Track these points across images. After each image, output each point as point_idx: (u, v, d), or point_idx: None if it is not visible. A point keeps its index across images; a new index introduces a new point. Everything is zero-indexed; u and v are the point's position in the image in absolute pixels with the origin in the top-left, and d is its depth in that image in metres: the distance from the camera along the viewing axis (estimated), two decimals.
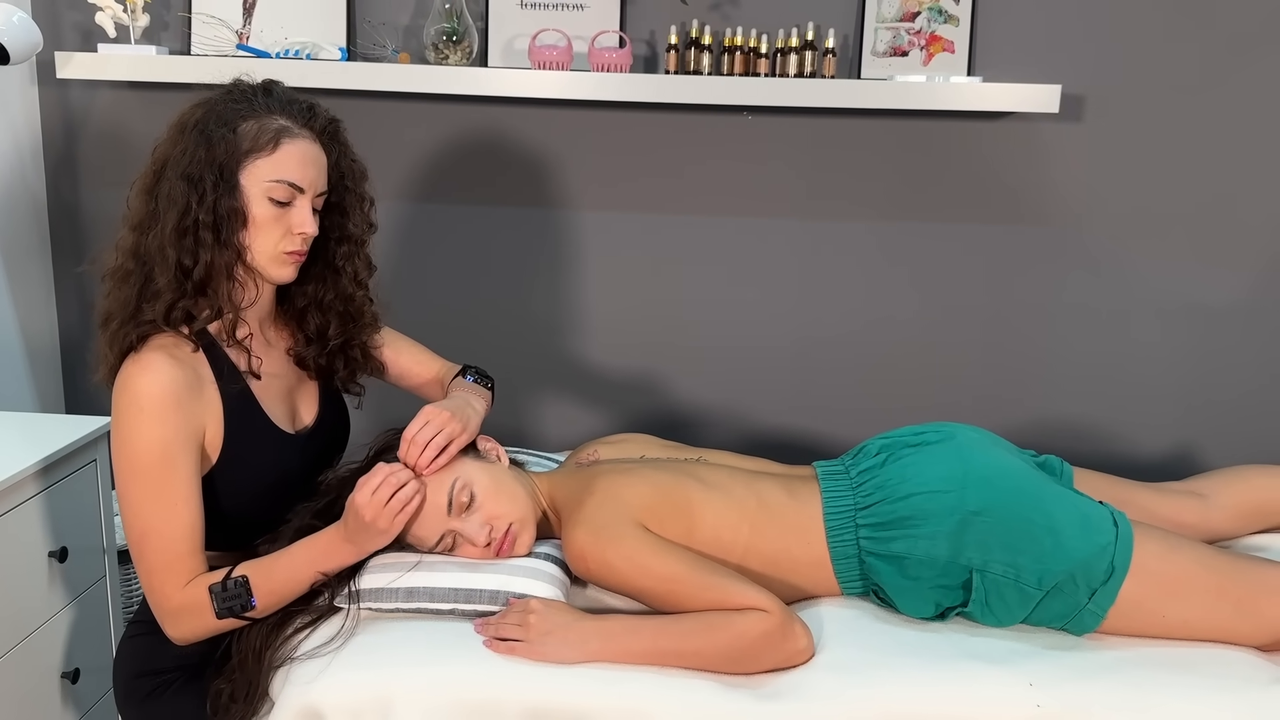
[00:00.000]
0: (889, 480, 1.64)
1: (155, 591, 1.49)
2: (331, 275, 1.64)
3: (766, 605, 1.47)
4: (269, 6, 2.33)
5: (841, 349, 2.47)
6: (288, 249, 1.53)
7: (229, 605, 1.48)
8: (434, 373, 1.82)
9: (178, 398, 1.46)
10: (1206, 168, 2.34)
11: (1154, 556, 1.56)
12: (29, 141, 2.40)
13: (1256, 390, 2.44)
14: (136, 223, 1.51)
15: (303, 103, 1.56)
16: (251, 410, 1.57)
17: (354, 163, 1.64)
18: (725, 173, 2.40)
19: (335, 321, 1.66)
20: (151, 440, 1.45)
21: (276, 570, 1.50)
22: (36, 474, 1.78)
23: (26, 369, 2.42)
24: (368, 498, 1.46)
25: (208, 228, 1.46)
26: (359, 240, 1.65)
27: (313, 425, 1.67)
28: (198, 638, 1.52)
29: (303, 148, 1.52)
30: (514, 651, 1.47)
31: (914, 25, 2.29)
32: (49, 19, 2.36)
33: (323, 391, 1.71)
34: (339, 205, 1.62)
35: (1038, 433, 2.46)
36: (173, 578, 1.48)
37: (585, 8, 2.30)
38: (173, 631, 1.52)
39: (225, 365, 1.55)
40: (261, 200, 1.49)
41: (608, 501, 1.58)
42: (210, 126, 1.48)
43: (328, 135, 1.58)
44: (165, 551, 1.47)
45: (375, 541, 1.51)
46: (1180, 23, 2.28)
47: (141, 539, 1.48)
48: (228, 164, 1.47)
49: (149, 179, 1.51)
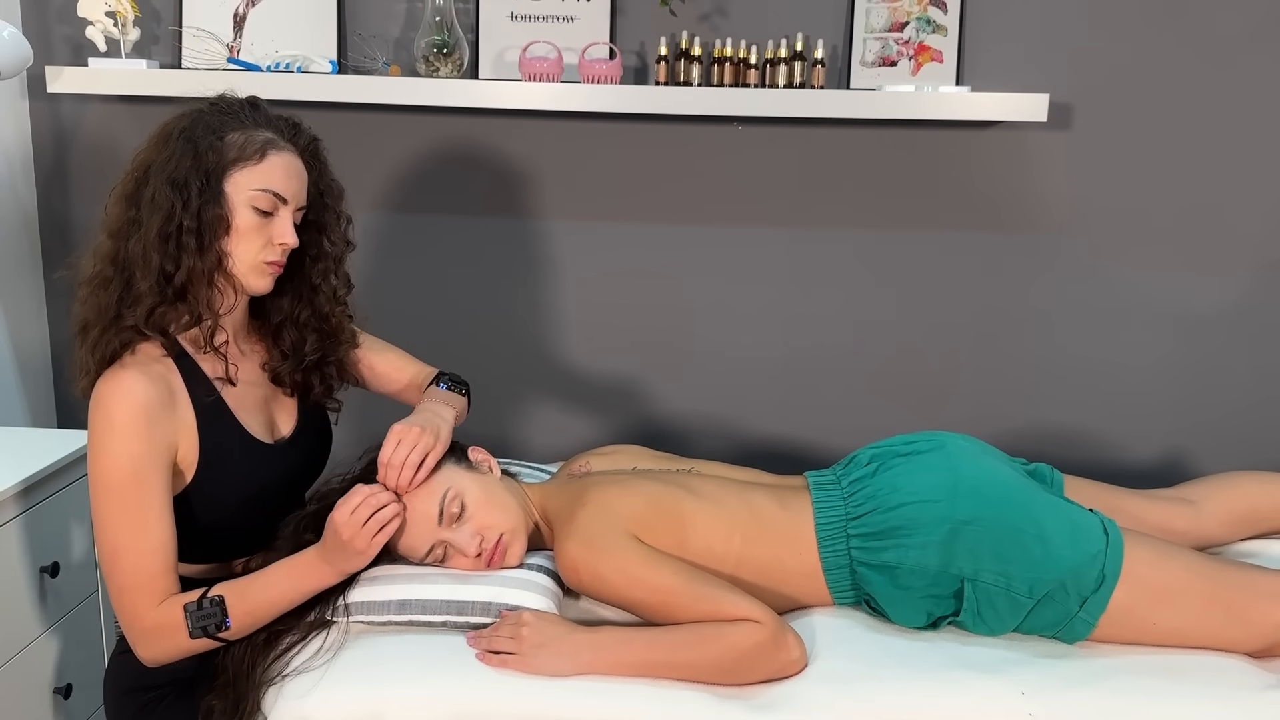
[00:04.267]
0: (880, 490, 1.65)
1: (126, 611, 1.47)
2: (308, 292, 1.64)
3: (759, 616, 1.47)
4: (259, 20, 2.33)
5: (832, 358, 2.48)
6: (268, 259, 1.54)
7: (203, 624, 1.46)
8: (410, 376, 1.80)
9: (150, 416, 1.45)
10: (1194, 175, 2.35)
11: (1145, 564, 1.57)
12: (20, 155, 2.40)
13: (1246, 396, 2.45)
14: (115, 229, 1.51)
15: (287, 119, 1.58)
16: (226, 421, 1.56)
17: (333, 182, 1.65)
18: (715, 183, 2.40)
19: (312, 338, 1.65)
20: (122, 458, 1.44)
21: (252, 591, 1.49)
22: (27, 489, 1.77)
23: (17, 382, 2.42)
24: (346, 517, 1.46)
25: (191, 233, 1.47)
26: (337, 258, 1.65)
27: (291, 435, 1.66)
28: (170, 659, 1.50)
29: (287, 161, 1.54)
30: (506, 664, 1.46)
31: (902, 35, 2.30)
32: (39, 33, 2.36)
33: (301, 402, 1.70)
34: (317, 223, 1.63)
35: (1028, 441, 2.46)
36: (144, 597, 1.46)
37: (575, 19, 2.31)
38: (144, 652, 1.49)
39: (199, 375, 1.54)
40: (245, 209, 1.50)
41: (600, 513, 1.58)
42: (198, 134, 1.49)
43: (309, 153, 1.60)
44: (137, 570, 1.45)
45: (352, 563, 1.50)
46: (1167, 31, 2.29)
47: (113, 557, 1.46)
48: (214, 171, 1.48)
49: (129, 185, 1.51)
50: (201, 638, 1.47)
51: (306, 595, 1.52)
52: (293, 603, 1.51)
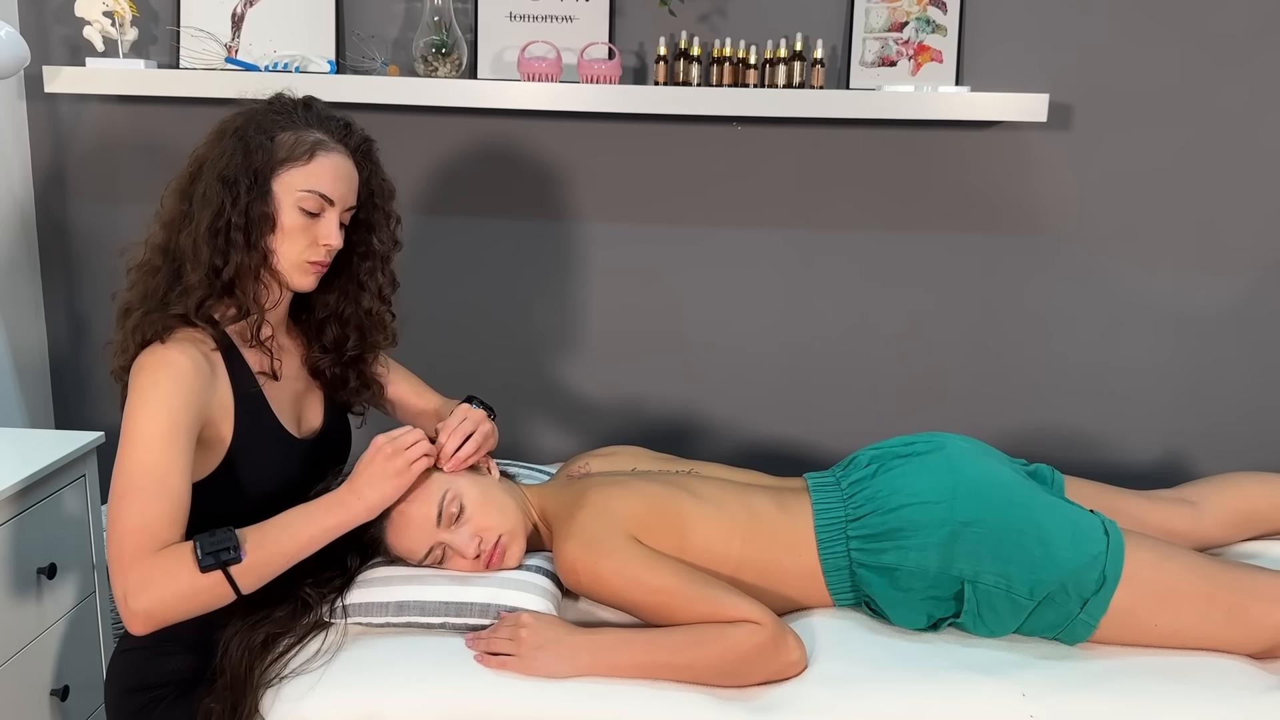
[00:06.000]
0: (879, 491, 1.64)
1: (127, 554, 1.37)
2: (354, 289, 1.68)
3: (759, 617, 1.47)
4: (257, 20, 2.32)
5: (832, 358, 2.47)
6: (311, 259, 1.57)
7: (214, 552, 1.38)
8: (432, 406, 1.83)
9: (191, 384, 1.47)
10: (1195, 176, 2.35)
11: (1145, 565, 1.56)
12: (17, 156, 2.39)
13: (1246, 397, 2.44)
14: (168, 220, 1.55)
15: (340, 119, 1.61)
16: (262, 411, 1.59)
17: (384, 182, 1.68)
18: (714, 183, 2.40)
19: (354, 335, 1.69)
20: (161, 412, 1.43)
21: (270, 528, 1.45)
22: (25, 490, 1.77)
23: (15, 384, 2.41)
24: (391, 439, 1.52)
25: (239, 230, 1.51)
26: (384, 256, 1.69)
27: (318, 432, 1.70)
28: (164, 612, 1.38)
29: (336, 162, 1.56)
30: (505, 666, 1.46)
31: (902, 35, 2.30)
32: (36, 33, 2.35)
33: (328, 401, 1.74)
34: (366, 222, 1.66)
35: (1028, 442, 2.46)
36: (147, 540, 1.38)
37: (574, 19, 2.31)
38: (139, 602, 1.36)
39: (243, 367, 1.57)
40: (292, 209, 1.53)
41: (599, 514, 1.58)
42: (249, 133, 1.53)
43: (361, 153, 1.62)
44: (146, 510, 1.39)
45: (382, 490, 1.49)
46: (1168, 31, 2.28)
47: (125, 495, 1.40)
48: (263, 170, 1.52)
49: (184, 180, 1.55)
50: (213, 569, 1.38)
51: (326, 534, 1.47)
52: (310, 543, 1.47)
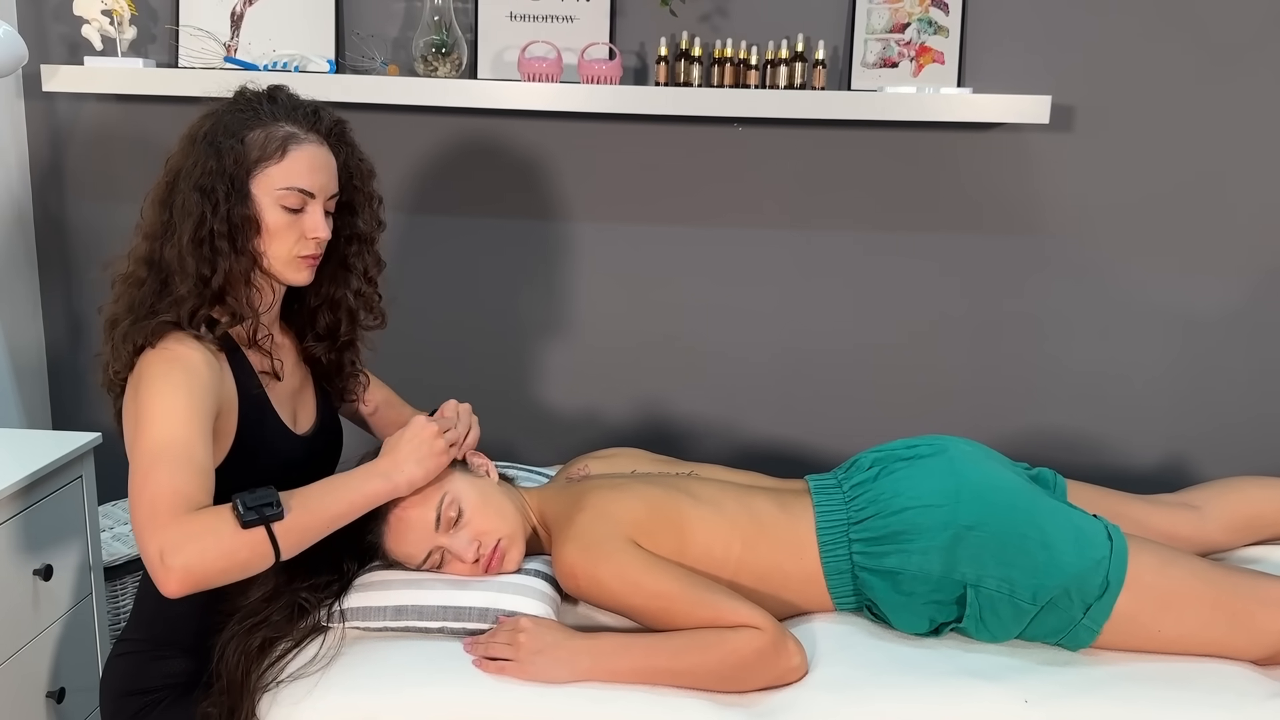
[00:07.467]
0: (881, 494, 1.63)
1: (161, 513, 1.32)
2: (342, 273, 1.66)
3: (759, 622, 1.46)
4: (257, 19, 2.32)
5: (833, 360, 2.47)
6: (302, 253, 1.55)
7: (256, 507, 1.35)
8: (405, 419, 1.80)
9: (206, 371, 1.46)
10: (1196, 177, 2.34)
11: (1149, 570, 1.56)
12: (15, 155, 2.38)
13: (1249, 401, 2.43)
14: (149, 232, 1.53)
15: (307, 106, 1.57)
16: (264, 409, 1.58)
17: (361, 162, 1.65)
18: (716, 184, 2.39)
19: (345, 318, 1.68)
20: (179, 388, 1.41)
21: (310, 491, 1.44)
22: (21, 491, 1.76)
23: (12, 384, 2.40)
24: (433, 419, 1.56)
25: (224, 237, 1.48)
26: (369, 238, 1.67)
27: (315, 428, 1.69)
28: (201, 568, 1.32)
29: (311, 153, 1.54)
30: (504, 671, 1.45)
31: (904, 36, 2.29)
32: (35, 32, 2.35)
33: (320, 398, 1.73)
34: (349, 204, 1.64)
35: (1031, 445, 2.45)
36: (182, 500, 1.33)
37: (575, 19, 2.30)
38: (178, 558, 1.30)
39: (247, 369, 1.56)
40: (274, 208, 1.51)
41: (598, 517, 1.57)
42: (218, 137, 1.50)
43: (334, 137, 1.59)
44: (175, 476, 1.34)
45: (421, 465, 1.51)
46: (1170, 33, 2.28)
47: (149, 469, 1.35)
48: (238, 174, 1.49)
49: (162, 190, 1.53)
50: (256, 524, 1.34)
51: (366, 501, 1.47)
52: (350, 509, 1.46)
